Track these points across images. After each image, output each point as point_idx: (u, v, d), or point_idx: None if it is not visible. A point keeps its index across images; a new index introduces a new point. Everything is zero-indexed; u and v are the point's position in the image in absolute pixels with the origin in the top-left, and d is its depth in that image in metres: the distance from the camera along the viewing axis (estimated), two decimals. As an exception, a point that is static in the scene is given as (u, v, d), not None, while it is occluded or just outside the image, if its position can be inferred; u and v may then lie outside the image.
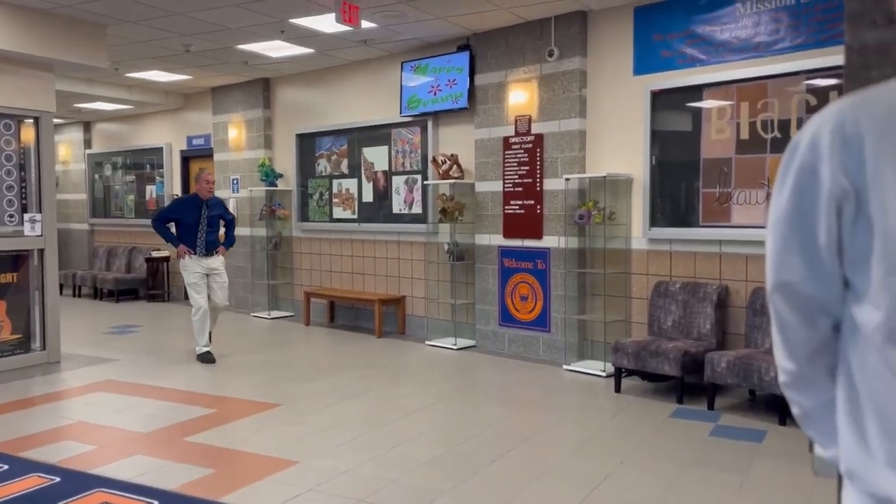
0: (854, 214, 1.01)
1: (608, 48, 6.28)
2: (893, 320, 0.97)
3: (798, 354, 1.14)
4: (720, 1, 5.63)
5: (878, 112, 1.00)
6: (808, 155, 1.05)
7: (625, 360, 5.42)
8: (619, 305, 6.26)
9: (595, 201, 6.24)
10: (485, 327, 7.17)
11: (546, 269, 6.64)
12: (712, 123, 5.73)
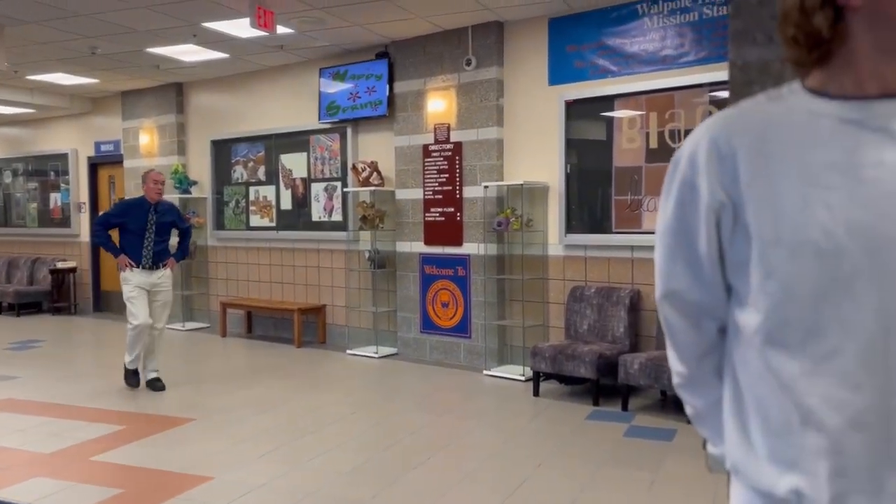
0: (732, 225, 1.05)
1: (524, 58, 6.41)
2: (771, 322, 1.02)
3: (687, 357, 1.19)
4: (629, 15, 5.84)
5: (750, 127, 1.05)
6: (687, 169, 1.09)
7: (542, 364, 5.52)
8: (537, 310, 6.37)
9: (513, 209, 6.34)
10: (406, 335, 7.16)
11: (466, 275, 6.70)
12: (623, 133, 5.93)
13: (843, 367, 0.97)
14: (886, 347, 0.95)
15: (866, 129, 0.98)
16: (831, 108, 1.01)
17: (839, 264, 0.97)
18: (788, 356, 1.01)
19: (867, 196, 0.96)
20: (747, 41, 1.26)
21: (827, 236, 0.97)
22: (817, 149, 1.00)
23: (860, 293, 0.96)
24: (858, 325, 0.96)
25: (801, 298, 0.99)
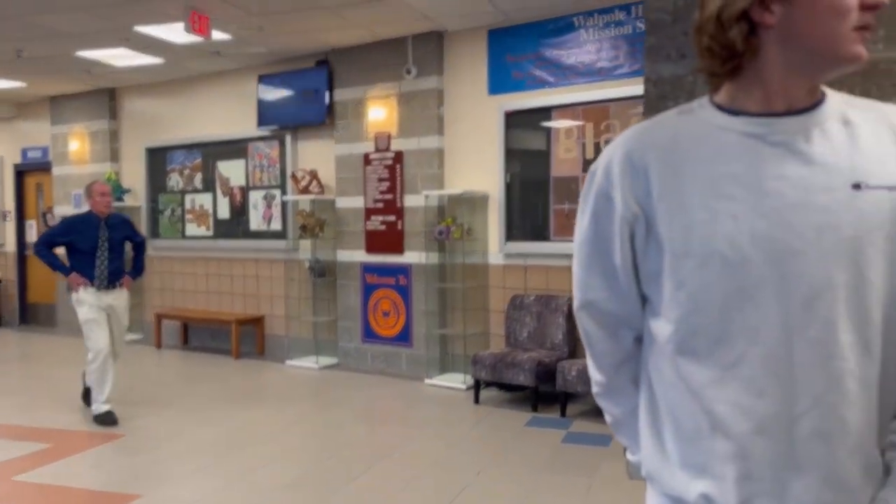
0: (645, 236, 1.08)
1: (464, 68, 6.46)
2: (682, 332, 1.05)
3: (605, 366, 1.21)
4: (565, 27, 5.94)
5: (661, 141, 1.08)
6: (603, 182, 1.12)
7: (483, 372, 5.54)
8: (478, 319, 6.40)
9: (454, 217, 6.37)
10: (347, 344, 7.10)
11: (408, 284, 6.68)
12: (561, 143, 6.02)
13: (749, 374, 1.00)
14: (789, 355, 0.98)
15: (769, 143, 1.02)
16: (737, 123, 1.04)
17: (744, 274, 0.99)
18: (698, 364, 1.03)
19: (770, 208, 0.99)
20: (661, 57, 1.30)
21: (732, 247, 1.00)
22: (723, 162, 1.03)
23: (764, 302, 0.99)
24: (763, 333, 0.99)
25: (710, 308, 1.02)
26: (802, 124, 1.02)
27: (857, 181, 0.98)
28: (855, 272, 0.97)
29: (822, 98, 1.05)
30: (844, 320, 0.97)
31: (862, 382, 0.98)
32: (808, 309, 0.98)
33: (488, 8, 5.72)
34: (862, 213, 0.98)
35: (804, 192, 0.99)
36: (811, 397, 0.97)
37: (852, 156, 1.00)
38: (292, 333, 7.59)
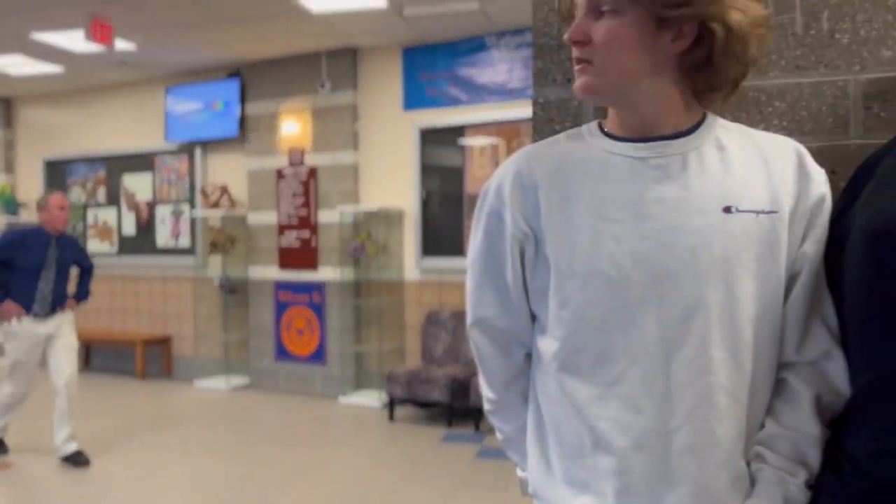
0: (534, 255, 1.10)
1: (379, 84, 6.45)
2: (566, 350, 1.07)
3: (496, 383, 1.21)
4: (478, 47, 6.03)
5: (550, 162, 1.11)
6: (494, 200, 1.13)
7: (398, 389, 5.51)
8: (394, 335, 6.36)
9: (369, 233, 6.33)
10: (259, 364, 6.92)
11: (322, 301, 6.58)
12: (475, 160, 6.09)
13: (628, 391, 1.02)
14: (666, 372, 1.01)
15: (650, 167, 1.05)
16: (621, 148, 1.08)
17: (626, 294, 1.02)
18: (581, 382, 1.06)
19: (649, 230, 1.03)
20: (548, 82, 1.32)
21: (615, 267, 1.03)
22: (608, 185, 1.06)
23: (644, 321, 1.02)
24: (642, 351, 1.02)
25: (593, 326, 1.04)
26: (681, 148, 1.06)
27: (728, 205, 1.02)
28: (726, 291, 1.01)
29: (701, 121, 1.09)
30: (717, 338, 1.01)
31: (732, 397, 1.02)
32: (683, 327, 1.01)
33: (402, 26, 5.75)
34: (732, 235, 1.02)
35: (680, 214, 1.02)
36: (684, 412, 1.01)
37: (724, 180, 1.04)
38: (201, 353, 7.33)
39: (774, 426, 1.05)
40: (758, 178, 1.05)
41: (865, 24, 1.22)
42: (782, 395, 1.06)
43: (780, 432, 1.04)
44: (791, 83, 1.25)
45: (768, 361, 1.06)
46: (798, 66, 1.25)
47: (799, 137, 1.22)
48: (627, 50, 1.01)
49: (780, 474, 1.02)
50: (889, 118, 1.22)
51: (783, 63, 1.25)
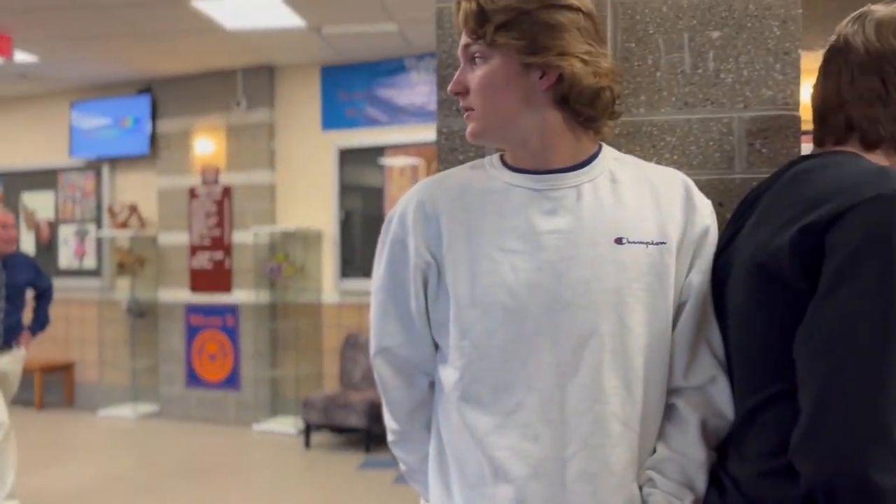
0: (436, 284, 1.10)
1: (297, 103, 6.37)
2: (466, 379, 1.08)
3: (399, 414, 1.20)
4: (398, 69, 6.05)
5: (452, 193, 1.12)
6: (398, 229, 1.14)
7: (314, 415, 5.39)
8: (312, 359, 6.24)
9: (286, 254, 6.21)
10: (169, 391, 6.64)
11: (236, 324, 6.40)
12: (395, 181, 6.09)
13: (526, 420, 1.04)
14: (562, 400, 1.03)
15: (546, 198, 1.08)
16: (520, 179, 1.10)
17: (523, 323, 1.04)
18: (481, 412, 1.06)
19: (545, 261, 1.05)
20: (452, 112, 1.33)
21: (513, 297, 1.04)
22: (507, 216, 1.08)
23: (540, 350, 1.04)
24: (539, 380, 1.04)
25: (492, 356, 1.06)
26: (575, 181, 1.09)
27: (619, 236, 1.06)
28: (618, 321, 1.04)
29: (596, 153, 1.12)
30: (609, 366, 1.04)
31: (624, 424, 1.04)
32: (577, 356, 1.03)
33: (321, 45, 5.71)
34: (623, 266, 1.05)
35: (574, 246, 1.05)
36: (579, 440, 1.03)
37: (616, 212, 1.07)
38: (107, 380, 6.98)
39: (664, 450, 1.08)
40: (648, 210, 1.09)
41: (748, 65, 1.28)
42: (671, 420, 1.09)
43: (669, 456, 1.07)
44: (681, 119, 1.29)
45: (659, 388, 1.09)
46: (687, 103, 1.29)
47: (688, 171, 1.26)
48: (499, 91, 1.07)
49: (669, 498, 1.05)
50: (770, 154, 1.27)
51: (673, 100, 1.29)
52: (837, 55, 1.08)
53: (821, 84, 1.11)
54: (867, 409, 0.85)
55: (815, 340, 0.91)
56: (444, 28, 1.34)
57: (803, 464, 0.89)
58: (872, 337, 0.87)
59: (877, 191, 0.91)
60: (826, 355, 0.89)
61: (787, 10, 1.28)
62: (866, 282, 0.88)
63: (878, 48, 1.03)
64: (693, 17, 1.29)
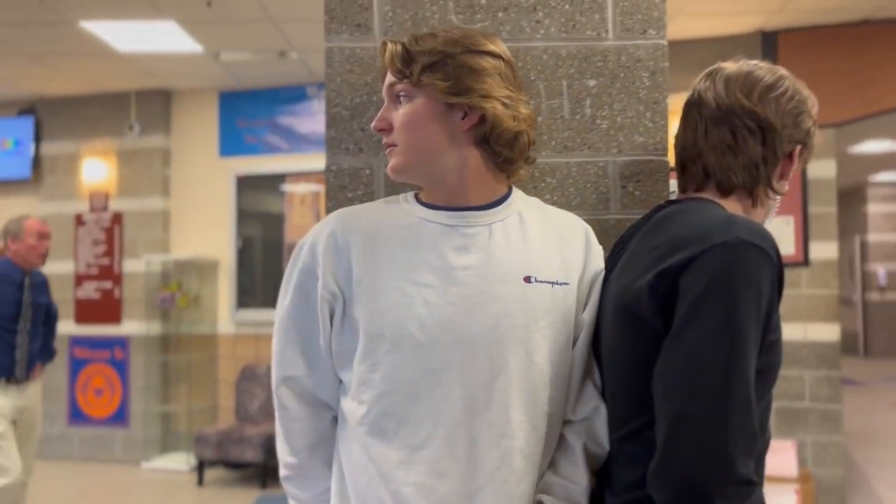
0: (341, 317, 1.10)
1: (194, 128, 6.21)
2: (373, 413, 1.08)
3: (299, 448, 1.18)
4: (299, 96, 6.02)
5: (365, 226, 1.13)
6: (307, 259, 1.13)
7: (207, 450, 5.19)
8: (206, 393, 6.01)
9: (180, 284, 5.99)
10: (50, 429, 6.22)
11: (126, 357, 6.10)
12: (295, 209, 6.01)
13: (433, 455, 1.05)
14: (469, 435, 1.05)
15: (459, 234, 1.11)
16: (434, 216, 1.12)
17: (433, 357, 1.06)
18: (388, 446, 1.06)
19: (457, 296, 1.07)
20: (341, 150, 1.35)
21: (423, 331, 1.06)
22: (420, 250, 1.10)
23: (449, 384, 1.05)
24: (447, 414, 1.05)
25: (400, 390, 1.06)
26: (487, 219, 1.13)
27: (528, 275, 1.10)
28: (525, 357, 1.08)
29: (507, 194, 1.17)
30: (516, 401, 1.07)
31: (528, 459, 1.08)
32: (486, 391, 1.06)
33: (218, 70, 5.61)
34: (531, 303, 1.09)
35: (485, 282, 1.08)
36: (486, 475, 1.05)
37: (525, 251, 1.12)
38: (-21, 420, 6.47)
39: (552, 476, 1.12)
40: (553, 251, 1.14)
41: (621, 113, 1.37)
42: (561, 450, 1.14)
43: (556, 481, 1.11)
44: (560, 162, 1.36)
45: (559, 422, 1.13)
46: (566, 147, 1.36)
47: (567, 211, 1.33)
48: (422, 128, 1.10)
49: None
50: (642, 196, 1.36)
51: (553, 143, 1.36)
52: (693, 108, 1.17)
53: (680, 135, 1.20)
54: (713, 442, 0.91)
55: (667, 377, 0.97)
56: (333, 67, 1.36)
57: (657, 494, 0.95)
58: (717, 373, 0.93)
59: (723, 238, 0.99)
60: (676, 391, 0.95)
61: (655, 62, 1.38)
62: (711, 322, 0.95)
63: (727, 102, 1.13)
64: (571, 65, 1.37)
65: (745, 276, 0.96)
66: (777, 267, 1.00)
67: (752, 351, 0.95)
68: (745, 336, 0.94)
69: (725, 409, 0.92)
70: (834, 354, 4.47)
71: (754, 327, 0.95)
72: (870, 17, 4.46)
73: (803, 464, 4.28)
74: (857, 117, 4.52)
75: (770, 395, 1.05)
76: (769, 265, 0.98)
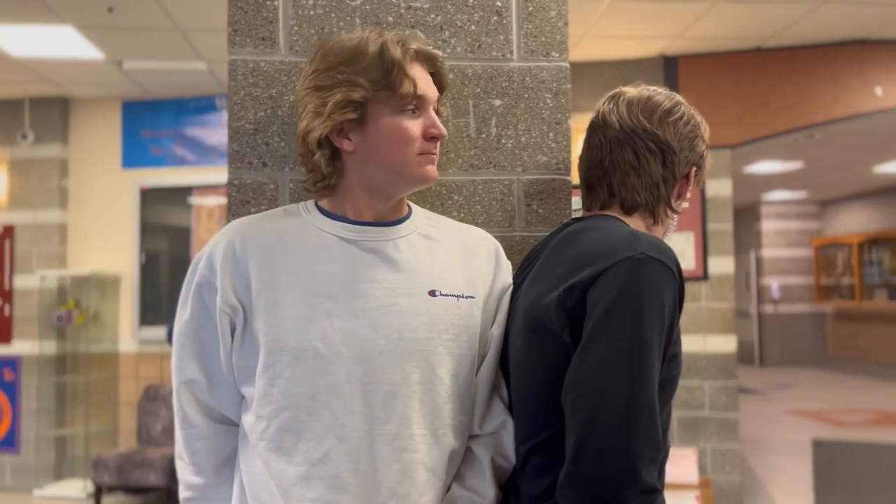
0: (242, 330, 1.08)
1: (95, 138, 5.93)
2: (273, 429, 1.05)
3: (205, 466, 1.14)
4: (207, 107, 5.86)
5: (264, 237, 1.11)
6: (205, 271, 1.10)
7: (106, 475, 4.92)
8: (105, 415, 5.72)
9: (77, 300, 5.69)
10: (-71, 458, 5.77)
11: (16, 379, 5.73)
12: (203, 222, 5.83)
13: (334, 470, 1.03)
14: (371, 449, 1.04)
15: (362, 248, 1.10)
16: (336, 227, 1.11)
17: (334, 371, 1.04)
18: (288, 462, 1.04)
19: (361, 309, 1.06)
20: (244, 164, 1.32)
21: (325, 343, 1.04)
22: (323, 262, 1.08)
23: (351, 398, 1.04)
24: (348, 429, 1.04)
25: (300, 404, 1.04)
26: (391, 235, 1.13)
27: (433, 288, 1.10)
28: (428, 370, 1.08)
29: (409, 213, 1.18)
30: (418, 414, 1.06)
31: (432, 472, 1.07)
32: (388, 405, 1.05)
33: (121, 79, 5.39)
34: (436, 317, 1.09)
35: (390, 295, 1.08)
36: (388, 489, 1.04)
37: (431, 266, 1.12)
38: None
39: (459, 489, 1.11)
40: (459, 266, 1.15)
41: (526, 132, 1.40)
42: (467, 462, 1.14)
43: (463, 494, 1.11)
44: (467, 180, 1.38)
45: (463, 435, 1.13)
46: (472, 165, 1.38)
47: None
48: None
49: None
50: (546, 214, 1.39)
51: (460, 161, 1.38)
52: (597, 129, 1.22)
53: (585, 154, 1.24)
54: (620, 453, 0.93)
55: (576, 390, 0.99)
56: (236, 80, 1.33)
57: (563, 498, 0.96)
58: (623, 386, 0.96)
59: (628, 254, 1.02)
60: (584, 403, 0.98)
61: (558, 84, 1.41)
62: (617, 335, 0.98)
63: (630, 125, 1.18)
64: (477, 85, 1.39)
65: (650, 291, 1.00)
66: (678, 281, 1.04)
67: (655, 363, 0.98)
68: (649, 349, 0.97)
69: (631, 421, 0.94)
70: (731, 365, 4.70)
71: (658, 340, 0.99)
72: (762, 45, 4.75)
73: (703, 471, 4.46)
74: (752, 139, 4.79)
75: (670, 405, 1.09)
76: (671, 280, 1.02)
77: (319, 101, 1.08)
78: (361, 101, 1.07)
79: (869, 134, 6.47)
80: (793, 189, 10.60)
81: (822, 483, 5.22)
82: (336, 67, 1.08)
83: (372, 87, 1.07)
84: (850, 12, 4.19)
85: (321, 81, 1.08)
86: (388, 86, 1.07)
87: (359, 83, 1.07)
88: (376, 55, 1.07)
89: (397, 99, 1.08)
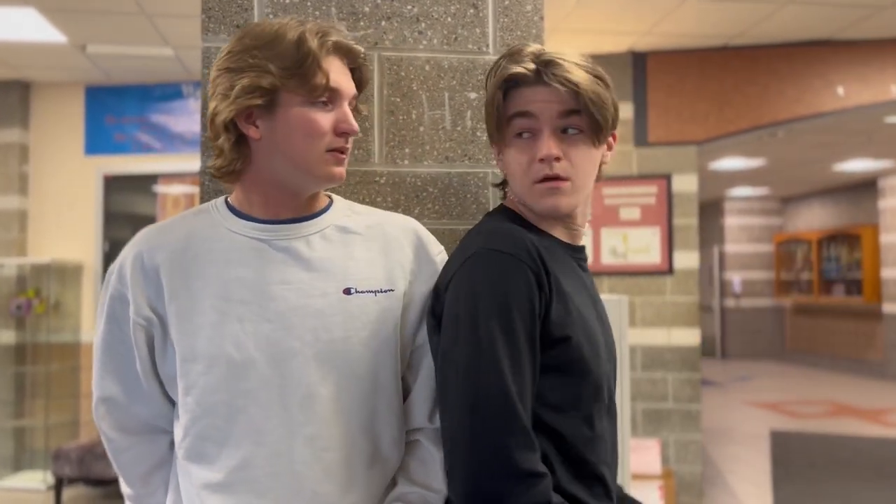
0: (163, 339, 1.05)
1: (56, 124, 5.79)
2: (191, 437, 1.04)
3: (132, 477, 1.14)
4: (174, 94, 5.76)
5: (173, 242, 1.08)
6: (117, 284, 1.08)
7: (67, 467, 4.83)
8: (66, 406, 5.61)
9: (37, 289, 5.57)
10: None
11: (-27, 369, 5.59)
12: (168, 211, 5.74)
13: (254, 475, 1.02)
14: (290, 453, 1.02)
15: (274, 248, 1.07)
16: (246, 228, 1.08)
17: (249, 376, 1.02)
18: (208, 470, 1.03)
19: (274, 312, 1.04)
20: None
21: (238, 349, 1.02)
22: (232, 265, 1.05)
23: (267, 403, 1.02)
24: (267, 433, 1.02)
25: (217, 411, 1.02)
26: (304, 231, 1.09)
27: (347, 286, 1.08)
28: (346, 369, 1.06)
29: (327, 206, 1.14)
30: (338, 414, 1.05)
31: (356, 470, 1.06)
32: (306, 407, 1.03)
33: (84, 63, 5.27)
34: (351, 315, 1.07)
35: (303, 296, 1.05)
36: (310, 489, 1.02)
37: (346, 262, 1.09)
38: None
39: (406, 485, 1.10)
40: (377, 260, 1.11)
41: (500, 125, 1.41)
42: (416, 456, 1.12)
43: (411, 490, 1.10)
44: (442, 172, 1.38)
45: (389, 432, 1.10)
46: (448, 157, 1.39)
47: (448, 220, 1.35)
48: None
49: None
50: (519, 208, 1.40)
51: (436, 153, 1.38)
52: None
53: None
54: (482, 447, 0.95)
55: (437, 388, 1.04)
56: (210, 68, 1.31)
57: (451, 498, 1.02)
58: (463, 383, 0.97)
59: (472, 251, 1.04)
60: (442, 407, 1.02)
61: (533, 78, 1.42)
62: (458, 332, 1.00)
63: None
64: (453, 77, 1.40)
65: (486, 281, 1.00)
66: (528, 265, 1.01)
67: (502, 350, 0.96)
68: (490, 338, 0.96)
69: (482, 415, 0.95)
70: (695, 357, 4.79)
71: (503, 326, 0.97)
72: (728, 43, 4.83)
73: (666, 461, 4.54)
74: (717, 136, 4.87)
75: (584, 388, 1.05)
76: (514, 265, 1.00)
77: (228, 83, 1.03)
78: (269, 88, 1.02)
79: (830, 132, 6.63)
80: (756, 186, 10.81)
81: (780, 472, 5.36)
82: (249, 51, 1.03)
83: (282, 74, 1.02)
84: (813, 13, 4.27)
85: (233, 63, 1.04)
86: (300, 75, 1.02)
87: (269, 69, 1.02)
88: (292, 43, 1.02)
89: (308, 89, 1.03)
